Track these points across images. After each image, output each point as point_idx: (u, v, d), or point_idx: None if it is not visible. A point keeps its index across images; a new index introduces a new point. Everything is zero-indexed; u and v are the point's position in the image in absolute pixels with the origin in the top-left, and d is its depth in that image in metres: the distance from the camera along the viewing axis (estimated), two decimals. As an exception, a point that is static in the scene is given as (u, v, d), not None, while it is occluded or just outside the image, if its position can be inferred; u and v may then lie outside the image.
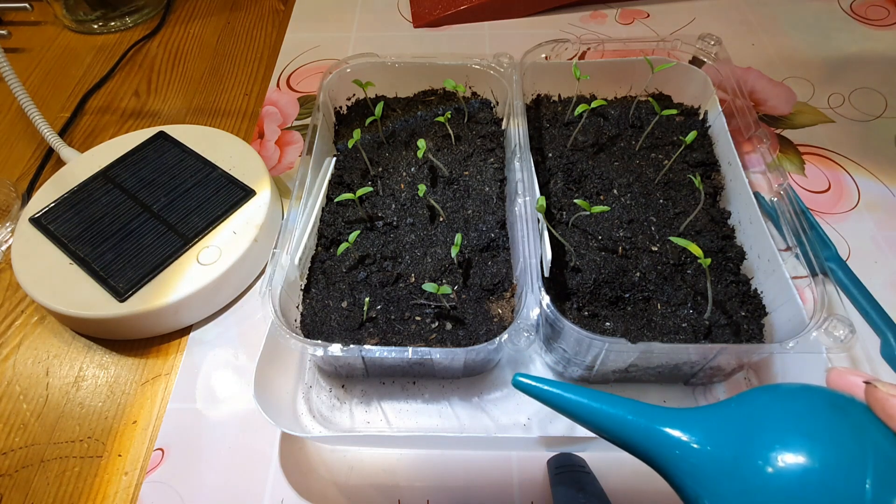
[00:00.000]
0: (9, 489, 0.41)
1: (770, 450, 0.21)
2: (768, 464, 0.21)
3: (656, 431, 0.24)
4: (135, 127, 0.65)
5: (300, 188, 0.46)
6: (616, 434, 0.25)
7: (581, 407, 0.26)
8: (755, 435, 0.22)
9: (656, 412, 0.25)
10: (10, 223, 0.56)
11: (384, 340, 0.41)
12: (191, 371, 0.47)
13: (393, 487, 0.40)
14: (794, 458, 0.21)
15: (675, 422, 0.24)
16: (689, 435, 0.24)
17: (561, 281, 0.44)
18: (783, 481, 0.20)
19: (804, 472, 0.20)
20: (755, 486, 0.21)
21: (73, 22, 0.78)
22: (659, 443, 0.24)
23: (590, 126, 0.54)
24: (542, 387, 0.27)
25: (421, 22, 0.75)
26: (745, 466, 0.22)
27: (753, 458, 0.21)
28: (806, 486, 0.20)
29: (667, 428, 0.24)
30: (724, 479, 0.22)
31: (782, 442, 0.21)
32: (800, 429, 0.21)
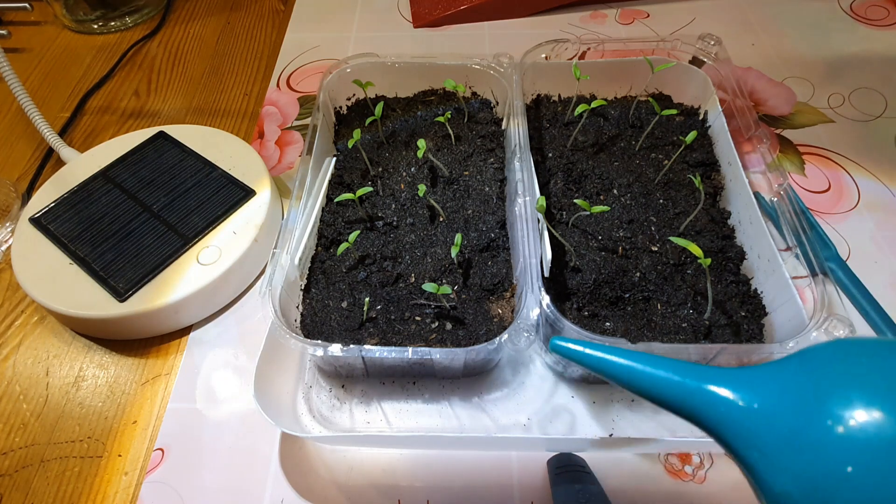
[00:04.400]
0: (9, 489, 0.41)
1: (840, 407, 0.19)
2: (839, 423, 0.19)
3: (702, 391, 0.22)
4: (135, 127, 0.65)
5: (300, 188, 0.46)
6: (661, 396, 0.23)
7: (624, 370, 0.24)
8: (821, 391, 0.20)
9: (703, 371, 0.23)
10: (10, 223, 0.56)
11: (384, 340, 0.41)
12: (191, 371, 0.47)
13: (393, 487, 0.40)
14: (868, 416, 0.18)
15: (724, 380, 0.22)
16: (737, 393, 0.22)
17: (561, 281, 0.44)
18: (856, 442, 0.18)
19: (881, 431, 0.18)
20: (821, 447, 0.19)
21: (73, 22, 0.78)
22: (705, 403, 0.22)
23: (590, 126, 0.54)
24: (583, 350, 0.26)
25: (421, 22, 0.75)
26: (809, 427, 0.19)
27: (819, 418, 0.19)
28: (883, 445, 0.18)
29: (713, 386, 0.22)
30: (782, 441, 0.20)
31: (853, 397, 0.19)
32: (875, 383, 0.19)
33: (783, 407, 0.21)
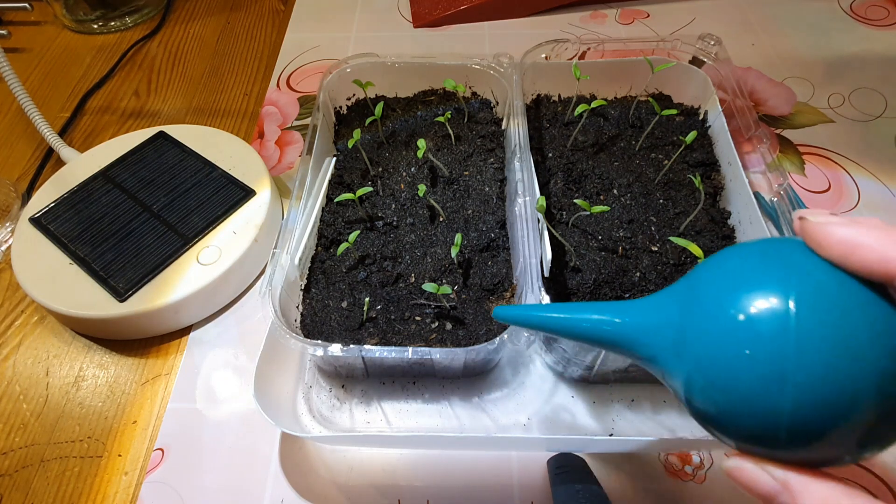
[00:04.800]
0: (9, 489, 0.41)
1: (733, 302, 0.22)
2: (738, 312, 0.21)
3: (624, 325, 0.26)
4: (135, 127, 0.65)
5: (300, 188, 0.46)
6: (588, 336, 0.27)
7: (557, 322, 0.28)
8: (692, 297, 0.23)
9: (618, 307, 0.27)
10: (10, 223, 0.56)
11: (384, 340, 0.41)
12: (191, 371, 0.47)
13: (393, 487, 0.40)
14: (763, 303, 0.21)
15: (634, 310, 0.26)
16: (647, 317, 0.25)
17: (561, 281, 0.44)
18: (751, 328, 0.21)
19: (771, 315, 0.21)
20: (723, 338, 0.22)
21: (73, 22, 0.78)
22: (628, 333, 0.26)
23: (590, 126, 0.54)
24: (522, 313, 0.30)
25: (421, 22, 0.75)
26: (713, 325, 0.22)
27: (720, 315, 0.22)
28: (738, 323, 0.21)
29: (629, 318, 0.26)
30: (691, 343, 0.23)
31: (742, 291, 0.22)
32: (731, 274, 0.22)
33: (684, 317, 0.23)
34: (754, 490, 0.22)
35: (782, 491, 0.21)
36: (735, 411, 0.21)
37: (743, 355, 0.21)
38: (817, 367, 0.19)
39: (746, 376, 0.21)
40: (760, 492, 0.22)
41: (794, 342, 0.20)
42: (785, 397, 0.20)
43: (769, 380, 0.20)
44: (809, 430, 0.20)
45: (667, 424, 0.42)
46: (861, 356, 0.19)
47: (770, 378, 0.20)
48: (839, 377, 0.19)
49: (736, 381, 0.21)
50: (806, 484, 0.21)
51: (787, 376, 0.20)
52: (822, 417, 0.20)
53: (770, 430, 0.21)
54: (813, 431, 0.20)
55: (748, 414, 0.21)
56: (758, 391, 0.20)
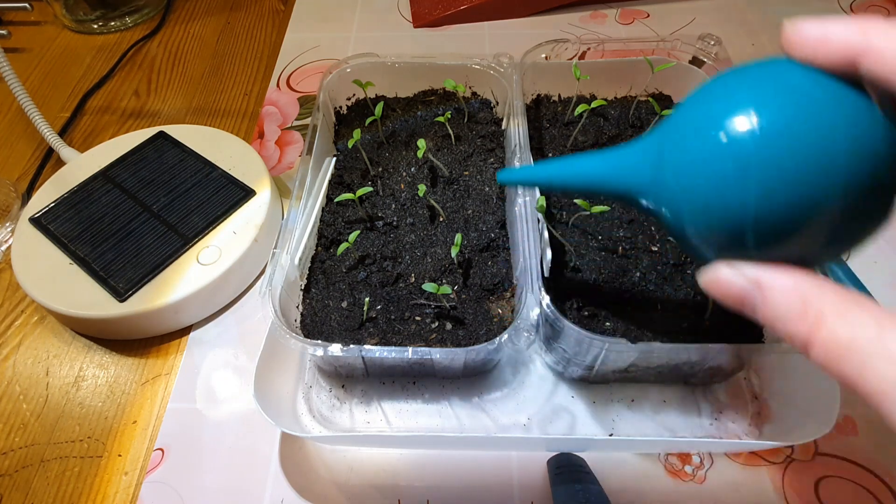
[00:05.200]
0: (9, 489, 0.41)
1: (679, 121, 0.24)
2: (680, 130, 0.23)
3: (613, 171, 0.28)
4: (135, 127, 0.65)
5: (300, 188, 0.46)
6: (583, 186, 0.30)
7: (554, 176, 0.31)
8: (668, 123, 0.25)
9: (601, 154, 0.29)
10: (10, 223, 0.56)
11: (384, 340, 0.41)
12: (191, 371, 0.47)
13: (393, 487, 0.40)
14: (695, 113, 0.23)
15: (616, 153, 0.28)
16: (644, 154, 0.27)
17: (561, 281, 0.44)
18: (689, 133, 0.23)
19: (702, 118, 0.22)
20: (671, 153, 0.24)
21: (73, 22, 0.78)
22: (623, 178, 0.27)
23: (590, 126, 0.54)
24: (522, 172, 0.34)
25: (421, 22, 0.75)
26: (664, 146, 0.24)
27: (668, 137, 0.24)
28: (704, 125, 0.22)
29: (624, 161, 0.28)
30: (653, 168, 0.25)
31: (685, 111, 0.24)
32: (702, 93, 0.24)
33: (662, 141, 0.25)
34: (728, 294, 0.23)
35: (753, 289, 0.22)
36: (705, 213, 0.22)
37: (709, 155, 0.22)
38: (780, 160, 0.20)
39: (712, 174, 0.22)
40: (734, 293, 0.22)
41: (757, 137, 0.20)
42: (749, 192, 0.21)
43: (733, 176, 0.21)
44: (776, 226, 0.21)
45: (667, 424, 0.42)
46: (827, 150, 0.20)
47: (734, 174, 0.21)
48: (803, 170, 0.20)
49: (704, 181, 0.22)
50: (775, 278, 0.21)
51: (750, 170, 0.20)
52: (787, 212, 0.20)
53: (738, 228, 0.22)
54: (779, 226, 0.21)
55: (717, 214, 0.22)
56: (723, 188, 0.21)
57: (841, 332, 0.19)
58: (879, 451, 0.41)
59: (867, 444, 0.41)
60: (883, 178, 0.20)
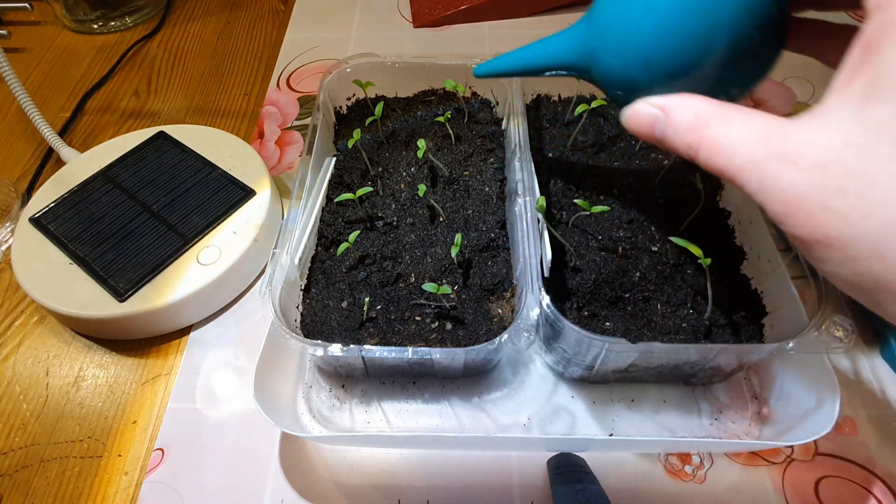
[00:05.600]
0: (9, 489, 0.41)
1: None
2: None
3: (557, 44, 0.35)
4: (135, 127, 0.65)
5: (300, 188, 0.46)
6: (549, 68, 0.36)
7: (517, 62, 0.37)
8: None
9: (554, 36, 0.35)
10: (10, 223, 0.56)
11: (384, 340, 0.41)
12: (191, 371, 0.47)
13: (393, 487, 0.40)
14: None
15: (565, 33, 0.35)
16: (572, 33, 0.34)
17: (561, 281, 0.44)
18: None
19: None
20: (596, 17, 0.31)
21: (73, 22, 0.78)
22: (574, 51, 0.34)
23: (590, 126, 0.54)
24: (495, 62, 0.39)
25: (421, 22, 0.75)
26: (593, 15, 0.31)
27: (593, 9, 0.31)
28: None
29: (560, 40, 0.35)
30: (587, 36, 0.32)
31: None
32: None
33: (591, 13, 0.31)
34: (642, 121, 0.27)
35: (660, 114, 0.26)
36: (622, 59, 0.28)
37: (618, 9, 0.28)
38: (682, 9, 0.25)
39: (622, 23, 0.28)
40: (646, 120, 0.26)
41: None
42: (650, 34, 0.26)
43: (637, 20, 0.27)
44: (675, 60, 0.26)
45: (667, 424, 0.42)
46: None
47: (637, 19, 0.27)
48: (691, 11, 0.25)
49: (618, 30, 0.28)
50: (675, 100, 0.25)
51: (648, 16, 0.26)
52: (683, 47, 0.26)
53: (647, 66, 0.27)
54: (678, 60, 0.26)
55: (630, 58, 0.28)
56: (632, 33, 0.27)
57: (720, 129, 0.23)
58: (879, 451, 0.41)
59: (867, 444, 0.41)
60: (769, 11, 0.25)
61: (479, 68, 0.40)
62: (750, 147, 0.21)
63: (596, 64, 0.31)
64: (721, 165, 0.22)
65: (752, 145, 0.21)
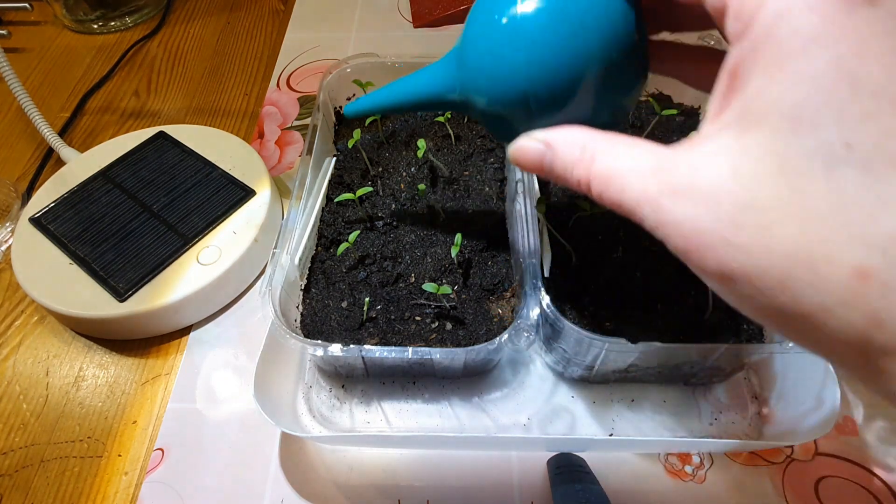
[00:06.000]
0: (9, 489, 0.41)
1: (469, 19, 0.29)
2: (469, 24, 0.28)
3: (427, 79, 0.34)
4: (135, 127, 0.65)
5: (300, 188, 0.46)
6: (422, 105, 0.34)
7: (387, 100, 0.35)
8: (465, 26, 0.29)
9: (424, 70, 0.34)
10: (10, 223, 0.56)
11: (384, 340, 0.41)
12: (191, 371, 0.47)
13: (393, 487, 0.40)
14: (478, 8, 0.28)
15: (432, 68, 0.33)
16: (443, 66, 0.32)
17: (561, 281, 0.44)
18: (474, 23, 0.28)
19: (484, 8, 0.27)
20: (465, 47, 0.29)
21: (73, 22, 0.78)
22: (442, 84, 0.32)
23: (590, 126, 0.54)
24: (363, 101, 0.37)
25: (421, 22, 0.75)
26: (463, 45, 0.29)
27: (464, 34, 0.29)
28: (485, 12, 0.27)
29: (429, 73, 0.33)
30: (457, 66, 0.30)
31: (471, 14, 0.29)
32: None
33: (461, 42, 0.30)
34: (528, 158, 0.26)
35: (545, 149, 0.25)
36: (495, 91, 0.27)
37: (487, 37, 0.27)
38: (541, 31, 0.25)
39: (492, 51, 0.27)
40: (532, 156, 0.26)
41: (518, 14, 0.25)
42: (521, 64, 0.25)
43: (507, 49, 0.26)
44: (550, 91, 0.26)
45: (667, 424, 0.42)
46: (578, 19, 0.24)
47: (507, 47, 0.26)
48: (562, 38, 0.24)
49: (488, 60, 0.27)
50: (558, 134, 0.25)
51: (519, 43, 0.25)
52: (556, 77, 0.25)
53: (521, 98, 0.26)
54: (553, 91, 0.26)
55: (503, 89, 0.27)
56: (502, 62, 0.26)
57: (608, 162, 0.22)
58: (879, 452, 0.41)
59: (867, 444, 0.41)
60: (629, 39, 0.25)
61: (349, 107, 0.38)
62: (641, 180, 0.20)
63: (471, 99, 0.29)
64: (614, 200, 0.21)
65: (642, 178, 0.20)
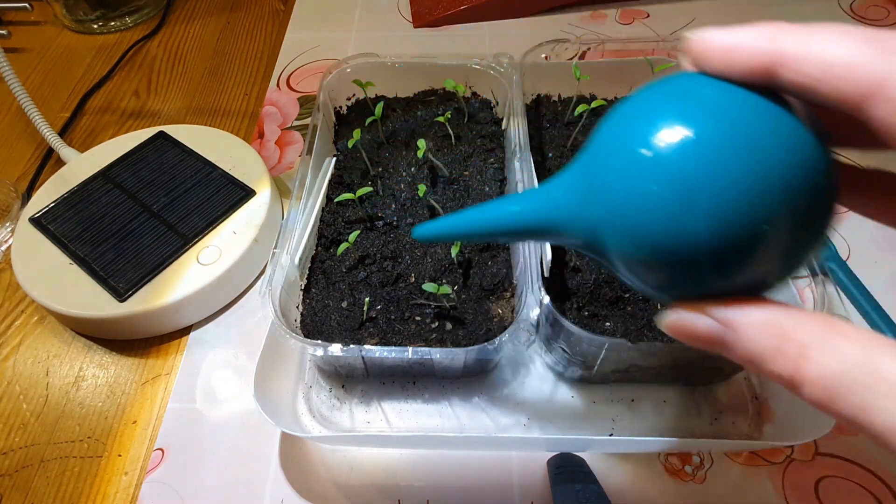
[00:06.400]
0: (9, 489, 0.41)
1: (642, 134, 0.20)
2: (642, 147, 0.20)
3: (539, 207, 0.25)
4: (135, 127, 0.65)
5: (300, 188, 0.46)
6: (513, 232, 0.26)
7: (471, 229, 0.28)
8: (590, 156, 0.22)
9: (517, 198, 0.26)
10: (10, 223, 0.56)
11: (384, 340, 0.41)
12: (191, 371, 0.47)
13: (393, 487, 0.40)
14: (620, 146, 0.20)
15: (534, 196, 0.25)
16: (566, 185, 0.24)
17: (561, 281, 0.44)
18: (658, 159, 0.19)
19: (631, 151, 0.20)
20: (601, 192, 0.21)
21: (73, 22, 0.78)
22: (547, 215, 0.25)
23: (590, 126, 0.54)
24: (434, 226, 0.29)
25: (421, 22, 0.75)
26: (590, 183, 0.21)
27: (594, 171, 0.21)
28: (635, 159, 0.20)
29: (544, 199, 0.25)
30: (581, 209, 0.22)
31: (607, 141, 0.21)
32: (622, 120, 0.21)
33: (592, 172, 0.22)
34: (698, 337, 0.21)
35: (724, 329, 0.20)
36: (653, 253, 0.20)
37: (646, 190, 0.19)
38: (722, 185, 0.18)
39: (654, 211, 0.19)
40: (703, 337, 0.20)
41: (694, 166, 0.19)
42: (698, 224, 0.19)
43: (677, 210, 0.19)
44: (731, 254, 0.19)
45: (667, 424, 0.42)
46: (764, 167, 0.18)
47: (678, 207, 0.19)
48: (747, 191, 0.18)
49: (646, 220, 0.20)
50: (745, 315, 0.19)
51: (694, 203, 0.19)
52: (739, 237, 0.19)
53: (693, 265, 0.20)
54: (735, 254, 0.19)
55: (667, 253, 0.20)
56: (670, 226, 0.19)
57: (829, 366, 0.17)
58: (879, 452, 0.41)
59: (867, 444, 0.41)
60: (818, 186, 0.19)
61: (418, 230, 0.31)
62: (891, 404, 0.15)
63: (603, 245, 0.22)
64: (849, 418, 0.16)
65: (891, 400, 0.15)
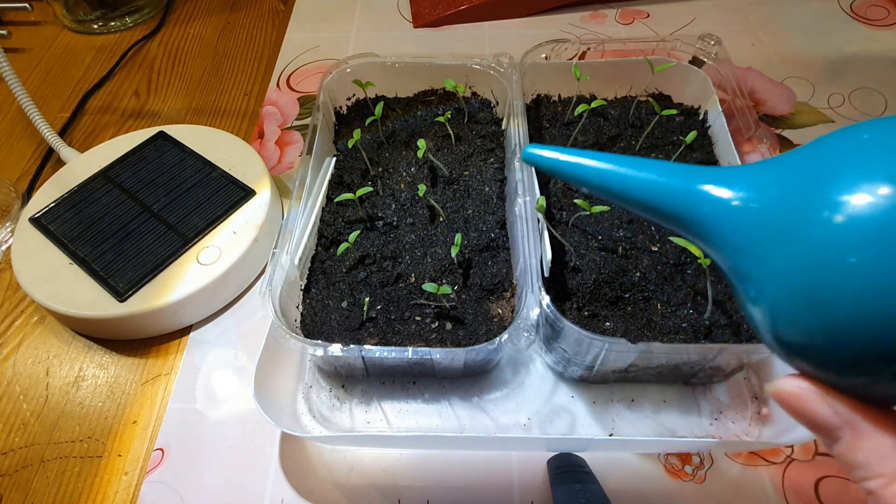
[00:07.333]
0: (9, 489, 0.41)
1: (839, 192, 0.17)
2: (838, 211, 0.16)
3: (689, 190, 0.21)
4: (135, 127, 0.65)
5: (300, 188, 0.46)
6: (644, 200, 0.22)
7: (603, 175, 0.23)
8: (818, 179, 0.18)
9: (689, 171, 0.21)
10: (10, 223, 0.56)
11: (384, 340, 0.41)
12: (191, 371, 0.47)
13: (393, 487, 0.40)
14: (873, 196, 0.16)
15: (712, 178, 0.21)
16: (733, 191, 0.20)
17: (561, 281, 0.44)
18: (858, 228, 0.16)
19: (879, 214, 0.16)
20: (819, 239, 0.17)
21: (73, 22, 0.78)
22: (692, 202, 0.21)
23: (590, 126, 0.54)
24: (557, 157, 0.24)
25: (421, 22, 0.75)
26: (805, 220, 0.17)
27: (816, 208, 0.17)
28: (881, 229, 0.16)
29: (702, 185, 0.21)
30: (775, 239, 0.18)
31: (854, 178, 0.17)
32: (881, 157, 0.17)
33: (776, 202, 0.19)
34: (808, 419, 0.20)
35: (843, 427, 0.19)
36: (831, 332, 0.17)
37: (848, 264, 0.16)
38: None
39: (852, 290, 0.16)
40: (816, 421, 0.19)
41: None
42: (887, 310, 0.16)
43: (880, 295, 0.16)
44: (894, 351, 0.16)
45: (667, 424, 0.42)
46: None
47: (882, 292, 0.16)
48: None
49: (840, 297, 0.16)
50: (872, 424, 0.18)
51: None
52: None
53: (875, 358, 0.17)
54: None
55: (847, 336, 0.17)
56: (864, 310, 0.16)
57: None
58: (879, 451, 0.41)
59: (867, 444, 0.41)
60: None
61: (531, 152, 0.26)
62: None
63: (762, 284, 0.19)
64: None
65: None
